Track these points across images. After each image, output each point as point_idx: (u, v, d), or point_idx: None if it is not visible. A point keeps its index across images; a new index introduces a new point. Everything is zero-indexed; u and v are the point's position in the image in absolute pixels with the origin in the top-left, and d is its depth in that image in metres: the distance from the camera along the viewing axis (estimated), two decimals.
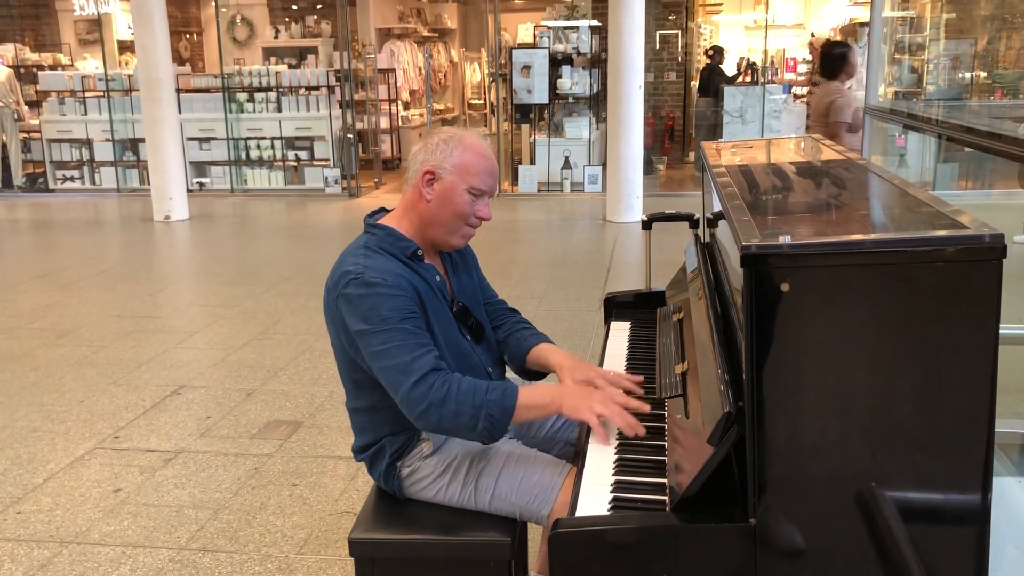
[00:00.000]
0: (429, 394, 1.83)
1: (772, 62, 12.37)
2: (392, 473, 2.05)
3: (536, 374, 2.24)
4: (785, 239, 1.33)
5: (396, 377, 1.85)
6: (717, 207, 2.15)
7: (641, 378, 2.07)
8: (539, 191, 10.14)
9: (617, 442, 1.85)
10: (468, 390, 1.84)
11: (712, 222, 2.49)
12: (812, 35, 12.88)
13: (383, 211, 2.14)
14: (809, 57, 12.38)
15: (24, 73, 12.09)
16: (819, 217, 1.70)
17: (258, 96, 10.85)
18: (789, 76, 13.23)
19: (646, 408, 1.89)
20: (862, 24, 10.27)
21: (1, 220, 9.81)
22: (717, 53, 11.76)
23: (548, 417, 2.23)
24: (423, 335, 1.90)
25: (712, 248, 2.40)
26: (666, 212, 3.06)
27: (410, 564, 2.01)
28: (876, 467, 1.40)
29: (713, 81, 11.30)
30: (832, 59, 5.90)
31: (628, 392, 1.98)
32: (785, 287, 1.33)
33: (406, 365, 1.84)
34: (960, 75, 5.83)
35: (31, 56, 12.70)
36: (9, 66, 11.45)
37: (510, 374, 2.33)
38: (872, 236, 1.42)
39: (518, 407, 1.86)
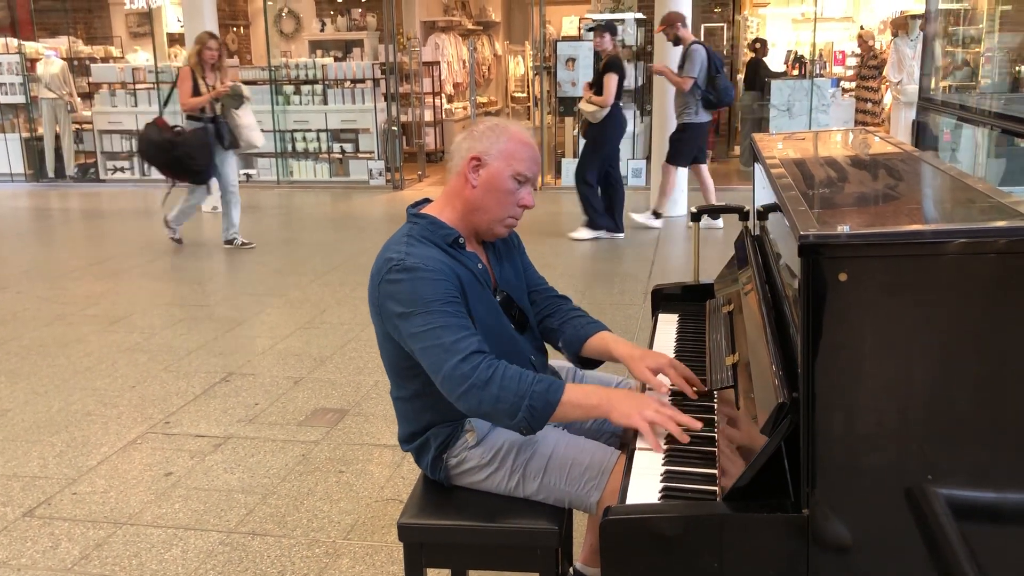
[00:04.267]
0: (472, 375, 1.82)
1: (820, 55, 12.20)
2: (439, 465, 2.07)
3: (591, 363, 2.23)
4: (844, 228, 1.32)
5: (438, 356, 1.85)
6: (769, 199, 2.14)
7: (702, 386, 2.02)
8: None
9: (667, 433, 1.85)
10: (513, 376, 1.83)
11: (762, 214, 2.47)
12: (861, 28, 12.68)
13: (426, 201, 2.15)
14: (858, 51, 12.19)
15: (77, 65, 12.34)
16: (876, 208, 1.69)
17: (304, 89, 10.96)
18: (838, 70, 13.05)
19: (697, 425, 1.79)
20: (913, 16, 10.09)
21: (54, 209, 10.03)
22: (762, 46, 11.64)
23: None
24: (465, 319, 1.90)
25: (763, 241, 2.38)
26: (715, 204, 3.04)
27: (458, 550, 2.03)
28: (933, 461, 1.39)
29: (759, 75, 11.19)
30: None
31: (692, 387, 1.99)
32: (843, 277, 1.32)
33: (450, 344, 1.84)
34: (1017, 68, 5.71)
35: (84, 49, 12.95)
36: (63, 59, 11.68)
37: (560, 362, 2.34)
38: (932, 227, 1.40)
39: (562, 403, 1.84)
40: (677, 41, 7.44)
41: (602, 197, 7.51)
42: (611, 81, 7.11)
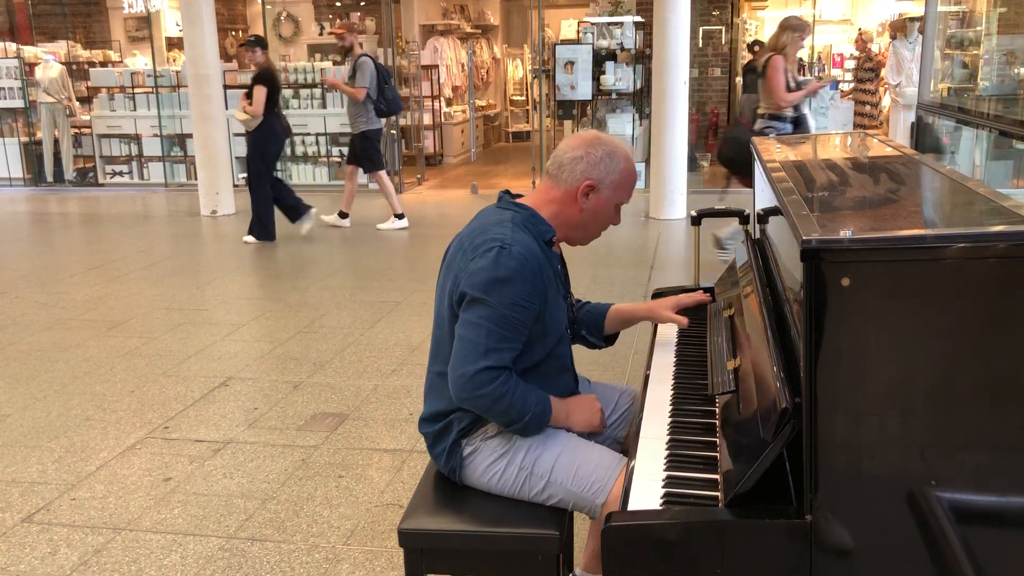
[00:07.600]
0: (489, 386, 1.90)
1: (819, 58, 12.21)
2: (455, 451, 2.09)
3: (614, 338, 2.47)
4: (846, 233, 1.32)
5: (470, 352, 1.92)
6: (769, 202, 2.13)
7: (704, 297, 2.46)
8: None
9: (668, 438, 1.85)
10: (520, 397, 1.95)
11: (763, 218, 2.47)
12: (860, 31, 12.70)
13: (509, 194, 2.18)
14: (857, 53, 12.20)
15: (76, 70, 12.32)
16: (878, 212, 1.68)
17: (303, 92, 10.94)
18: (836, 72, 13.06)
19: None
20: (911, 19, 10.10)
21: (52, 213, 10.02)
22: (760, 48, 11.64)
23: None
24: (518, 331, 1.95)
25: (763, 244, 2.38)
26: (716, 208, 3.04)
27: (459, 555, 2.02)
28: (936, 466, 1.38)
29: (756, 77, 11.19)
30: None
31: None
32: (846, 282, 1.32)
33: (486, 348, 1.91)
34: (1015, 70, 5.72)
35: (82, 53, 12.93)
36: (61, 63, 11.67)
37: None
38: (934, 231, 1.40)
39: (551, 420, 2.05)
40: (348, 51, 7.97)
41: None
42: (260, 93, 7.52)
